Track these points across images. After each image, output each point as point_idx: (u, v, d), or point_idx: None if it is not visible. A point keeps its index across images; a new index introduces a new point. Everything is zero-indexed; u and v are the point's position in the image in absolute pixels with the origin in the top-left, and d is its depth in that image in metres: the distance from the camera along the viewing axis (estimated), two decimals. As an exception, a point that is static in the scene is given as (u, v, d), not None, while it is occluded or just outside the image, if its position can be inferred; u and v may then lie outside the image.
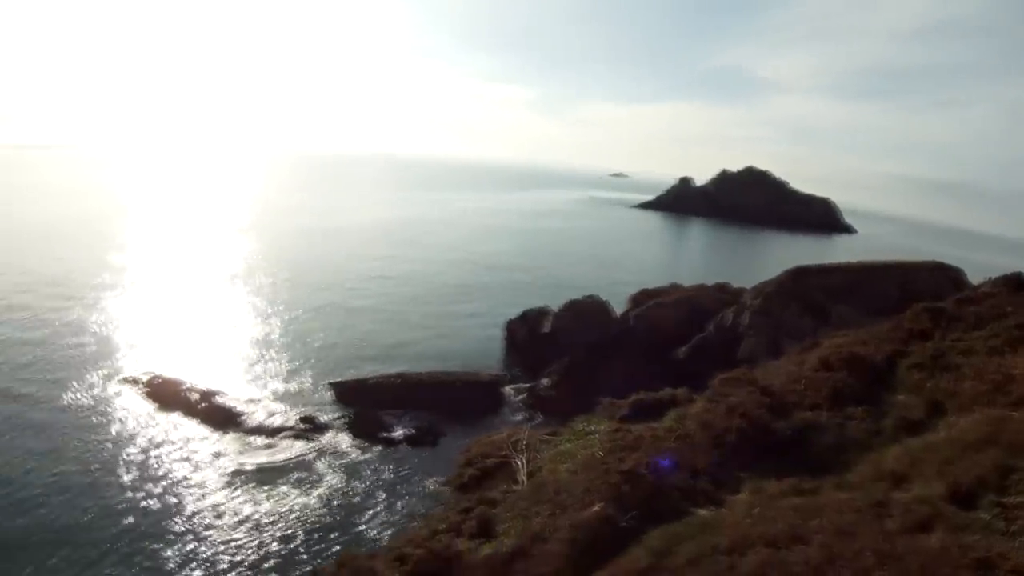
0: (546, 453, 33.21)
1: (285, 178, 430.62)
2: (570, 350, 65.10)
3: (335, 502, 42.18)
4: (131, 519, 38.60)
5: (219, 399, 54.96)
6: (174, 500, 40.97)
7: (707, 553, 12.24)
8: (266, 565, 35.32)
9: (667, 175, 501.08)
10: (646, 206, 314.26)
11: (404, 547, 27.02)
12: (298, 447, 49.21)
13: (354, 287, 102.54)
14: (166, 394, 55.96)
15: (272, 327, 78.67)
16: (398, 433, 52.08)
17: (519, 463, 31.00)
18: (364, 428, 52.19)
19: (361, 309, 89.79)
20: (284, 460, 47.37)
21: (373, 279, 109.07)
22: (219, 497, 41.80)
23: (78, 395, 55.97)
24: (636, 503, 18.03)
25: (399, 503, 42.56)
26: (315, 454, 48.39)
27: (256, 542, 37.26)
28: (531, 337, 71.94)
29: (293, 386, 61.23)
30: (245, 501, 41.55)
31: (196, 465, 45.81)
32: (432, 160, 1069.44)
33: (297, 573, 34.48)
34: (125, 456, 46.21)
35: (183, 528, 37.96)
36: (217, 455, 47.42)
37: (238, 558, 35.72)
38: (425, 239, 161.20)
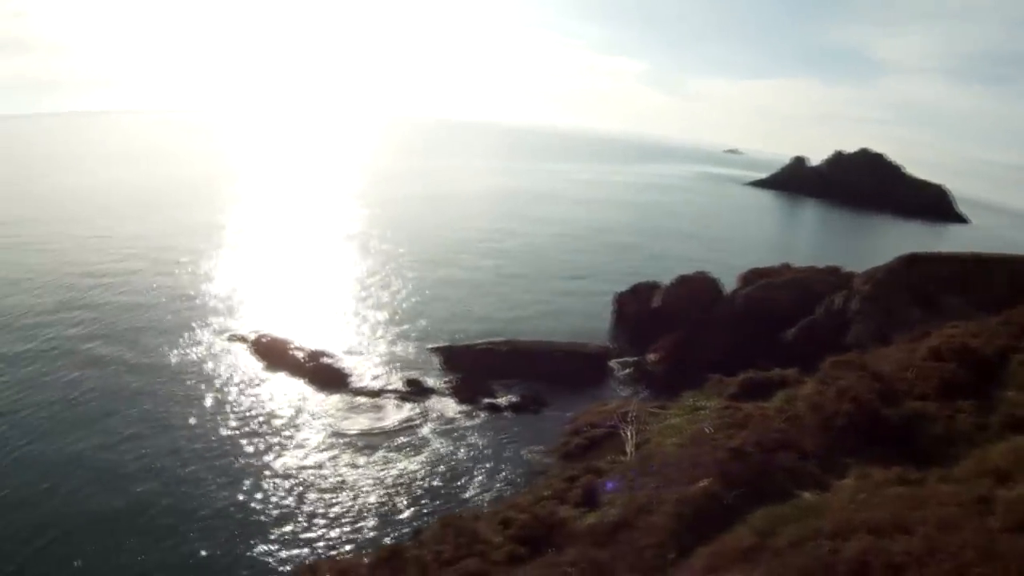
0: (654, 426, 33.84)
1: (395, 144, 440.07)
2: (678, 325, 65.13)
3: (437, 465, 43.80)
4: (235, 475, 41.30)
5: (326, 359, 57.76)
6: (278, 458, 43.50)
7: (810, 536, 12.69)
8: (368, 524, 37.10)
9: (779, 154, 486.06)
10: (759, 184, 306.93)
11: (508, 511, 28.28)
12: (403, 410, 51.28)
13: (462, 254, 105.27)
14: (274, 353, 59.28)
15: (379, 291, 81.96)
16: (502, 400, 53.43)
17: (627, 434, 31.77)
18: (469, 394, 53.87)
19: (469, 275, 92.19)
20: (388, 422, 49.50)
21: (481, 246, 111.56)
22: (323, 456, 44.12)
23: (188, 352, 60.11)
24: (743, 481, 18.43)
25: (501, 469, 43.83)
26: (419, 417, 50.30)
27: (359, 502, 39.19)
28: (640, 311, 72.14)
29: (398, 349, 63.67)
30: (348, 461, 43.68)
31: (301, 424, 48.52)
32: (540, 130, 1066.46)
33: (400, 532, 35.85)
34: (232, 412, 49.52)
35: (287, 486, 40.32)
36: (322, 415, 49.99)
37: (342, 517, 37.66)
38: (534, 208, 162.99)
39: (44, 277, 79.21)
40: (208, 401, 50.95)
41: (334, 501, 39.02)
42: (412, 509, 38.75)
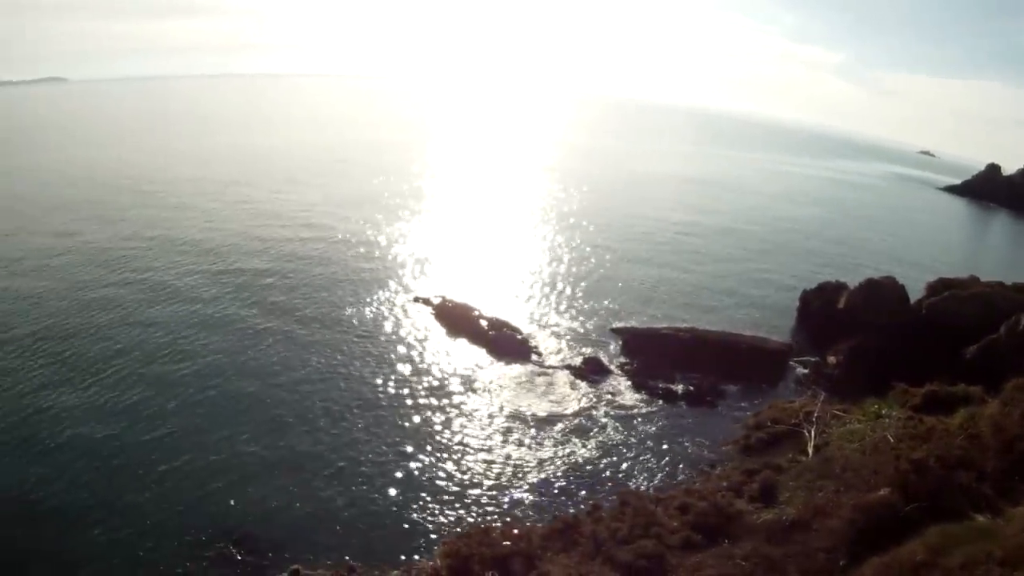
0: (835, 429, 34.37)
1: (585, 122, 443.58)
2: (861, 329, 63.77)
3: (609, 446, 45.59)
4: (406, 435, 44.97)
5: (507, 330, 61.37)
6: (450, 423, 46.91)
7: (981, 560, 13.41)
8: (534, 496, 39.22)
9: (975, 159, 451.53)
10: (952, 190, 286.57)
11: (686, 497, 29.86)
12: (579, 388, 53.63)
13: (647, 235, 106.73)
14: (455, 317, 63.77)
15: (562, 265, 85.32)
16: (679, 388, 54.53)
17: (809, 434, 32.47)
18: (646, 378, 55.48)
19: (652, 257, 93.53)
20: (563, 399, 51.90)
21: (666, 230, 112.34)
22: (494, 426, 47.09)
23: (372, 310, 65.82)
24: (921, 495, 18.96)
25: (674, 456, 44.98)
26: (595, 397, 52.41)
27: (527, 473, 41.51)
28: (824, 311, 70.85)
29: (579, 326, 66.32)
30: (520, 433, 46.26)
31: (478, 391, 51.99)
32: (728, 116, 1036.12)
33: (564, 507, 37.52)
34: (411, 373, 53.97)
35: (456, 450, 43.45)
36: (499, 385, 53.19)
37: (509, 486, 40.09)
38: (722, 195, 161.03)
39: (234, 233, 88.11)
40: (388, 359, 55.89)
41: (501, 471, 41.55)
42: (579, 486, 40.53)
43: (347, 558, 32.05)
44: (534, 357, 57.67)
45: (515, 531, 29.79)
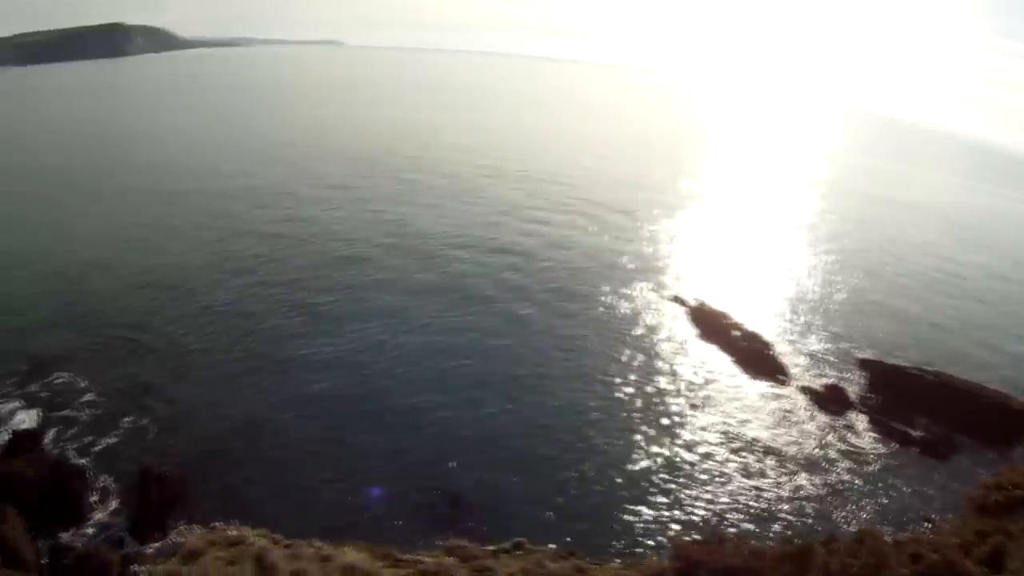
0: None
1: (849, 137, 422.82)
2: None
3: (839, 480, 48.41)
4: (637, 432, 50.36)
5: (757, 344, 65.99)
6: (688, 431, 51.56)
7: None
8: (765, 517, 42.69)
9: None
10: None
11: (919, 546, 33.93)
12: (816, 414, 57.29)
13: (906, 265, 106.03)
14: (708, 322, 69.16)
15: (817, 283, 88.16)
16: (916, 432, 56.72)
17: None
18: (884, 416, 58.41)
19: (909, 290, 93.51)
20: (800, 421, 55.75)
21: (928, 264, 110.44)
22: (730, 440, 51.28)
23: (627, 302, 72.30)
24: None
25: (903, 503, 47.03)
26: (830, 426, 55.63)
27: (759, 494, 45.02)
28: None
29: (825, 349, 69.53)
30: (754, 452, 50.04)
31: (716, 401, 56.75)
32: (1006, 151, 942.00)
33: (799, 531, 40.12)
34: (654, 370, 59.78)
35: (688, 461, 47.88)
36: (738, 397, 57.85)
37: (740, 503, 43.78)
38: (998, 235, 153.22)
39: (500, 211, 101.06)
40: (635, 355, 62.22)
41: (730, 485, 45.49)
42: (807, 514, 43.70)
43: (568, 539, 35.93)
44: (778, 375, 62.29)
45: (748, 547, 30.08)
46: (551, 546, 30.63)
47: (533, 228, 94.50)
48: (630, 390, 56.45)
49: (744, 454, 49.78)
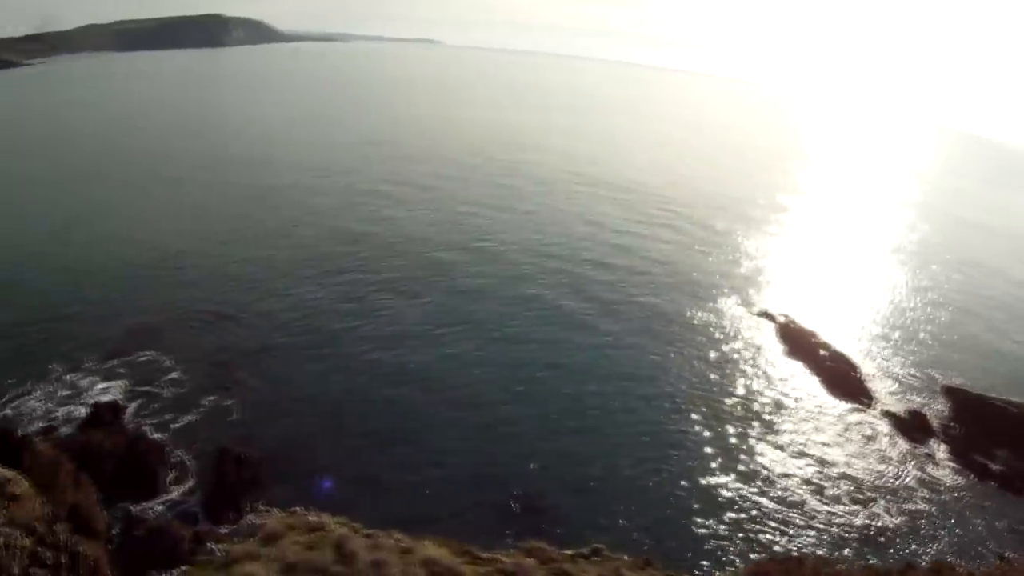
0: None
1: (945, 157, 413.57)
2: None
3: (916, 509, 47.64)
4: (717, 447, 50.38)
5: (843, 365, 65.18)
6: (767, 447, 51.53)
7: None
8: (841, 542, 42.40)
9: None
10: None
11: None
12: (897, 441, 56.38)
13: (1002, 298, 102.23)
14: (795, 340, 68.76)
15: (907, 306, 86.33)
16: (996, 467, 55.24)
17: None
18: (966, 447, 57.03)
19: (1004, 324, 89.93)
20: (880, 447, 54.93)
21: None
22: (809, 460, 50.89)
23: (714, 314, 72.47)
24: None
25: (978, 536, 46.13)
26: (910, 454, 54.78)
27: (834, 517, 44.63)
28: None
29: (911, 373, 68.22)
30: (832, 475, 49.51)
31: (800, 419, 56.48)
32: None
33: (875, 557, 40.22)
34: (737, 385, 59.75)
35: (764, 479, 47.73)
36: (821, 418, 57.27)
37: (816, 525, 43.55)
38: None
39: (590, 221, 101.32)
40: (718, 367, 62.46)
41: (806, 506, 45.33)
42: (882, 541, 43.38)
43: (644, 548, 36.41)
44: (862, 398, 61.36)
45: (826, 569, 30.95)
46: (625, 557, 30.22)
47: (624, 239, 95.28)
48: (712, 404, 56.60)
49: (820, 476, 49.40)
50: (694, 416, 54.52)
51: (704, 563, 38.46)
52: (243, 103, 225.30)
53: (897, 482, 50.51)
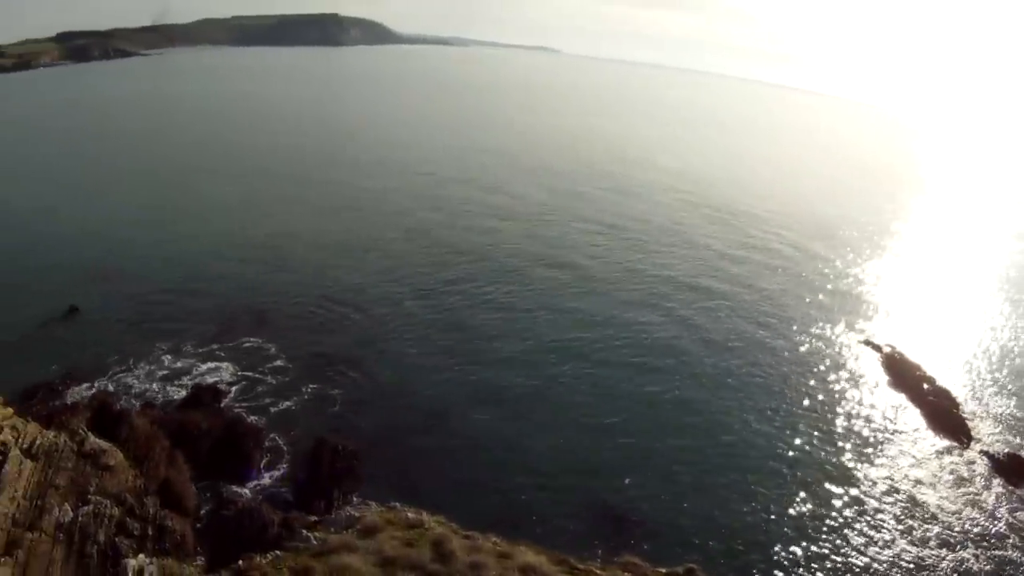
0: None
1: None
2: None
3: (1005, 556, 45.74)
4: (815, 475, 49.63)
5: (944, 400, 63.25)
6: (860, 481, 50.31)
7: None
8: None
9: None
10: None
11: None
12: (992, 484, 54.02)
13: None
14: (898, 371, 66.99)
15: (1018, 346, 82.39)
16: None
17: None
18: None
19: None
20: (975, 489, 52.75)
21: None
22: (900, 497, 49.51)
23: (817, 340, 71.11)
24: None
25: None
26: (1005, 498, 52.24)
27: (917, 560, 43.40)
28: None
29: (1013, 415, 65.37)
30: (922, 516, 47.99)
31: (894, 454, 54.91)
32: None
33: None
34: (836, 414, 58.64)
35: (855, 514, 46.66)
36: (916, 453, 55.64)
37: (896, 568, 42.45)
38: None
39: (703, 235, 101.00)
40: (817, 393, 61.49)
41: (883, 544, 44.16)
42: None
43: (734, 570, 37.02)
44: (961, 436, 59.45)
45: None
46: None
47: (740, 255, 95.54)
48: (811, 432, 55.90)
49: (910, 515, 48.11)
50: (793, 442, 54.02)
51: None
52: (358, 102, 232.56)
53: (988, 527, 48.79)
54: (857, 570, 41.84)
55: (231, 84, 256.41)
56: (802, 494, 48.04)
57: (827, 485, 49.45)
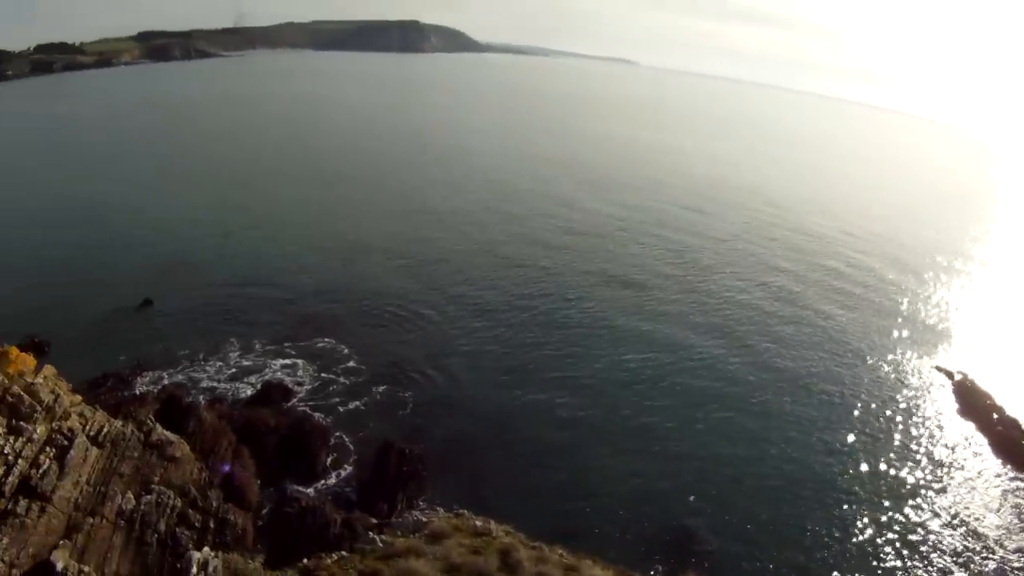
0: None
1: None
2: None
3: None
4: (879, 499, 49.15)
5: (1014, 431, 61.56)
6: (920, 510, 49.49)
7: None
8: None
9: None
10: None
11: None
12: None
13: None
14: (968, 399, 65.50)
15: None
16: None
17: None
18: None
19: None
20: None
21: None
22: (957, 528, 48.58)
23: (888, 366, 69.90)
24: None
25: None
26: None
27: None
28: None
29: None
30: (980, 550, 46.84)
31: (958, 484, 53.75)
32: None
33: None
34: (904, 438, 57.88)
35: (912, 541, 46.15)
36: (981, 485, 54.28)
37: None
38: None
39: (782, 259, 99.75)
40: (886, 419, 60.57)
41: (942, 573, 43.68)
42: None
43: None
44: (1030, 469, 58.19)
45: None
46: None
47: (814, 278, 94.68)
48: (877, 456, 55.14)
49: (970, 547, 47.12)
50: (859, 468, 53.34)
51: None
52: (439, 109, 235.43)
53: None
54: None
55: (310, 87, 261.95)
56: (864, 520, 47.47)
57: (890, 512, 48.78)
